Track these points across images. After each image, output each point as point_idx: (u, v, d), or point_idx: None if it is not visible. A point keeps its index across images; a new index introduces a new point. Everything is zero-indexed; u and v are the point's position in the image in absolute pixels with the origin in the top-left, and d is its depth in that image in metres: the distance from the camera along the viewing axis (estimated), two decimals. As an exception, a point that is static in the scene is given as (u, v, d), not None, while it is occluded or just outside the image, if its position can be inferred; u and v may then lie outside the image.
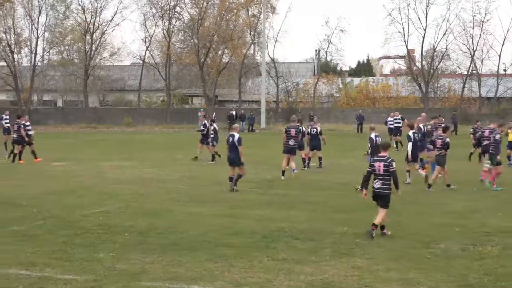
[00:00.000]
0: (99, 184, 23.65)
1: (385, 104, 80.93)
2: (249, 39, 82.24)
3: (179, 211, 17.74)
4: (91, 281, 10.76)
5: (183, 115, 78.63)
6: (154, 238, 14.20)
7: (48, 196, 20.57)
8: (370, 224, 14.73)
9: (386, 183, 14.76)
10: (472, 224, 15.88)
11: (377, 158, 15.24)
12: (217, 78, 79.60)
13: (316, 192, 21.66)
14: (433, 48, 78.15)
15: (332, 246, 13.42)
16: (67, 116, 79.51)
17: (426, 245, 13.48)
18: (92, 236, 14.39)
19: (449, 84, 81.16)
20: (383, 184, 14.77)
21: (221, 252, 12.84)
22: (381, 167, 14.73)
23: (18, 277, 10.99)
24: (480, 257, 12.47)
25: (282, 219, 16.51)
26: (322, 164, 29.42)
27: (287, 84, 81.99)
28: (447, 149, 22.73)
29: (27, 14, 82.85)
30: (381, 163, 14.79)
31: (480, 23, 75.84)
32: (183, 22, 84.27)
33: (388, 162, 14.71)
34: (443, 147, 22.69)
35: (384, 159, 14.84)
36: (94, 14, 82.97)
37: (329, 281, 10.82)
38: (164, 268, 11.64)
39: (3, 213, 17.18)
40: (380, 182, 14.79)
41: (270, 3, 78.84)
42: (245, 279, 10.91)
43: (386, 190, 14.79)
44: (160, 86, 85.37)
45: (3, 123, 40.25)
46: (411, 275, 11.20)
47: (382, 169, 14.71)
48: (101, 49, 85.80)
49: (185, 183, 24.17)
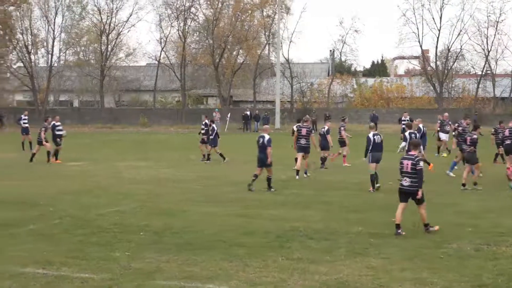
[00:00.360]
0: (115, 184, 23.74)
1: (399, 105, 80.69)
2: (264, 40, 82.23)
3: (194, 211, 17.78)
4: (107, 280, 10.81)
5: (198, 116, 78.34)
6: (169, 237, 14.24)
7: (65, 195, 20.66)
8: (385, 224, 14.67)
9: (414, 181, 14.95)
10: (486, 224, 15.82)
11: (406, 156, 15.56)
12: (232, 79, 79.66)
13: (331, 192, 21.64)
14: (448, 49, 77.86)
15: (347, 245, 13.41)
16: (83, 116, 79.77)
17: (439, 245, 13.45)
18: (108, 235, 14.45)
19: (463, 84, 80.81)
20: (412, 182, 14.98)
21: (236, 251, 12.86)
22: (408, 165, 14.99)
23: (35, 276, 11.06)
24: (494, 257, 12.43)
25: (296, 219, 16.51)
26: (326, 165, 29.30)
27: (302, 84, 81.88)
28: (475, 146, 22.87)
29: (43, 15, 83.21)
30: (409, 161, 15.06)
31: (495, 23, 75.52)
32: (198, 23, 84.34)
33: (416, 160, 14.98)
34: (472, 144, 22.88)
35: (412, 158, 15.13)
36: (110, 15, 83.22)
37: (344, 281, 10.82)
38: (179, 267, 11.68)
39: (20, 213, 17.28)
40: (409, 180, 15.01)
41: (284, 3, 78.82)
42: (260, 279, 10.93)
43: (416, 187, 14.97)
44: (175, 86, 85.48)
45: (22, 123, 40.42)
46: (425, 274, 11.19)
47: (410, 167, 14.94)
48: (117, 50, 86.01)
49: (200, 183, 24.20)
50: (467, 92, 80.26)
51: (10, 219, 16.33)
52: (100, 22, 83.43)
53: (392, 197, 20.31)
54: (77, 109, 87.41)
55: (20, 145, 39.70)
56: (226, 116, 70.46)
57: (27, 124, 40.45)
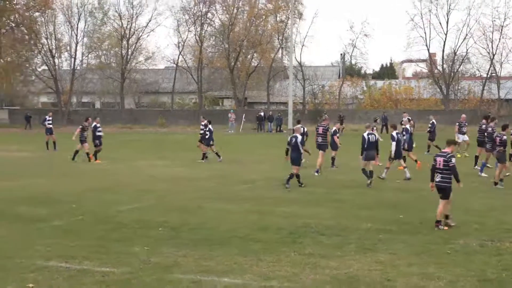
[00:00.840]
0: (134, 182, 23.79)
1: (407, 106, 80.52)
2: (277, 44, 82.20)
3: (209, 208, 17.80)
4: (127, 274, 10.84)
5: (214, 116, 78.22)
6: (186, 233, 14.26)
7: (87, 193, 20.74)
8: (393, 221, 14.64)
9: (445, 176, 15.16)
10: (491, 221, 15.76)
11: (439, 153, 15.74)
12: (247, 81, 79.75)
13: (342, 190, 21.60)
14: (454, 52, 77.60)
15: (357, 241, 13.39)
16: (104, 117, 79.70)
17: (446, 241, 13.40)
18: (128, 231, 14.50)
19: (469, 86, 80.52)
20: (442, 178, 15.20)
21: (250, 247, 12.87)
22: (441, 162, 15.20)
23: (58, 269, 11.11)
24: (498, 253, 12.38)
25: (308, 215, 16.49)
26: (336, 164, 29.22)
27: (313, 86, 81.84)
28: (505, 146, 23.07)
29: (67, 20, 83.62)
30: (442, 158, 15.26)
31: (500, 27, 75.22)
32: (214, 28, 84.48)
33: (448, 157, 15.17)
34: (501, 144, 23.14)
35: (444, 155, 15.31)
36: (130, 20, 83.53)
37: (353, 275, 10.81)
38: (196, 261, 11.69)
39: (44, 209, 17.37)
40: (440, 176, 15.24)
41: (297, 9, 78.70)
42: (273, 273, 10.93)
43: (446, 183, 15.19)
44: (193, 88, 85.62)
45: (46, 123, 40.56)
46: (431, 269, 11.15)
47: (442, 164, 15.16)
48: (137, 54, 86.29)
49: (215, 181, 24.22)
50: (472, 94, 79.98)
51: (36, 215, 16.44)
52: (120, 27, 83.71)
53: (400, 195, 20.33)
54: (98, 110, 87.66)
55: (44, 144, 39.88)
56: (241, 117, 70.49)
57: (51, 124, 40.59)
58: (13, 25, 76.02)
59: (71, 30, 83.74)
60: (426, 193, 20.55)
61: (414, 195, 20.28)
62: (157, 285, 10.18)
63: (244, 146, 40.46)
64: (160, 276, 10.69)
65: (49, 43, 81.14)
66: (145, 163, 31.52)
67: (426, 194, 20.31)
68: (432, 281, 10.48)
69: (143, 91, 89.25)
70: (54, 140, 39.56)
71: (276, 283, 10.32)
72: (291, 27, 67.66)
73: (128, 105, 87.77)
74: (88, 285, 10.21)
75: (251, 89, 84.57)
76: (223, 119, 68.71)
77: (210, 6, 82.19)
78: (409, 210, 17.28)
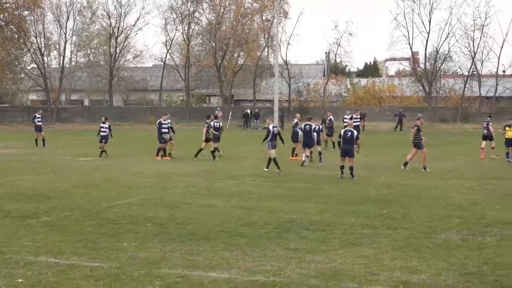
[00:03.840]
0: (122, 178, 23.71)
1: (391, 103, 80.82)
2: (263, 42, 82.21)
3: (196, 204, 17.76)
4: (115, 268, 10.79)
5: (201, 114, 78.59)
6: (173, 228, 14.22)
7: (76, 189, 20.64)
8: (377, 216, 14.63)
9: None
10: (472, 216, 15.81)
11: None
12: (233, 79, 79.72)
13: (327, 186, 21.61)
14: (436, 51, 77.88)
15: (341, 236, 13.39)
16: (93, 114, 79.74)
17: (428, 236, 13.43)
18: (116, 226, 14.44)
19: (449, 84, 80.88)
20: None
21: (237, 242, 12.85)
22: None
23: (47, 264, 11.05)
24: (479, 247, 12.41)
25: (294, 211, 16.49)
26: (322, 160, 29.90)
27: (299, 84, 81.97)
28: None
29: (56, 19, 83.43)
30: None
31: (481, 26, 75.59)
32: (201, 27, 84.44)
33: None
34: None
35: None
36: (119, 19, 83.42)
37: (338, 269, 10.81)
38: (183, 256, 11.66)
39: (34, 205, 17.28)
40: None
41: (282, 8, 78.74)
42: (259, 267, 10.92)
43: None
44: (180, 86, 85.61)
45: (36, 121, 40.35)
46: (414, 263, 11.17)
47: None
48: (125, 52, 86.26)
49: (202, 177, 24.18)
50: (454, 91, 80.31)
51: (25, 211, 16.33)
52: (109, 26, 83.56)
53: (383, 191, 20.37)
54: (87, 108, 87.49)
55: (33, 142, 39.72)
56: (228, 115, 70.47)
57: (41, 122, 40.41)
58: (2, 23, 75.58)
59: (60, 29, 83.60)
60: (408, 189, 20.67)
61: (398, 191, 20.33)
62: (144, 280, 10.14)
63: (230, 143, 40.36)
64: (148, 271, 10.65)
65: (38, 41, 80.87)
66: (134, 159, 31.43)
67: (409, 190, 20.43)
68: (415, 274, 10.50)
69: (131, 89, 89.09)
70: (43, 137, 39.38)
71: (262, 278, 10.30)
72: (276, 26, 67.67)
73: (116, 102, 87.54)
74: (77, 280, 10.15)
75: (237, 87, 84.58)
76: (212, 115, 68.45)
77: (198, 5, 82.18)
78: (393, 206, 17.32)
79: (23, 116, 77.38)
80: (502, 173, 25.79)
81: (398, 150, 34.54)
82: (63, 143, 32.29)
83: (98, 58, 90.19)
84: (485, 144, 32.20)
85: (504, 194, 19.83)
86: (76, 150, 36.98)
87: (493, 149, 32.19)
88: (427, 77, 77.45)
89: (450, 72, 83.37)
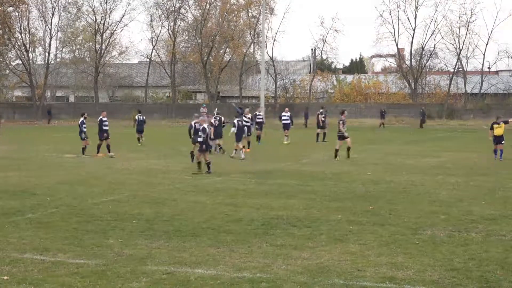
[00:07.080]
0: (108, 175, 23.65)
1: (377, 100, 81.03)
2: (249, 39, 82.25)
3: (183, 200, 17.74)
4: (101, 265, 10.76)
5: (187, 110, 78.62)
6: (160, 225, 14.20)
7: (61, 185, 20.57)
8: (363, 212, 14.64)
9: None
10: (457, 212, 15.88)
11: None
12: (219, 75, 79.72)
13: (313, 182, 21.64)
14: (422, 47, 78.28)
15: (328, 232, 13.41)
16: (78, 111, 79.40)
17: (414, 232, 13.48)
18: (102, 223, 14.39)
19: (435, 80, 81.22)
20: None
21: (223, 238, 12.84)
22: None
23: (33, 261, 11.00)
24: (465, 243, 12.47)
25: (280, 207, 16.50)
26: None
27: (285, 81, 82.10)
28: None
29: (41, 15, 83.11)
30: None
31: (466, 23, 76.10)
32: (187, 23, 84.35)
33: None
34: None
35: None
36: (104, 15, 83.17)
37: (324, 265, 10.82)
38: (169, 253, 11.64)
39: (19, 202, 17.20)
40: None
41: (268, 5, 78.77)
42: (245, 264, 10.92)
43: None
44: (166, 82, 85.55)
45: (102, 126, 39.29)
46: (400, 259, 11.21)
47: None
48: (111, 48, 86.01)
49: (189, 173, 24.14)
50: (440, 88, 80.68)
51: (10, 208, 16.24)
52: (94, 22, 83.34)
53: (370, 187, 20.41)
54: (73, 104, 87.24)
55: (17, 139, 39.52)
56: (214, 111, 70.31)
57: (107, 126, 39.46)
58: (-14, 19, 75.19)
59: (45, 25, 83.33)
60: (394, 185, 20.73)
61: (384, 187, 20.39)
62: (131, 277, 10.11)
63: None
64: (134, 267, 10.63)
65: (23, 37, 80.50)
66: (120, 155, 31.33)
67: (395, 186, 20.49)
68: (401, 270, 10.53)
69: (117, 85, 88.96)
70: (108, 143, 38.70)
71: (248, 274, 10.30)
72: (262, 22, 67.74)
73: (102, 99, 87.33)
74: (63, 277, 10.11)
75: (223, 84, 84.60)
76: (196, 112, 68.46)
77: (183, 2, 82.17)
78: (379, 202, 17.36)
79: (8, 113, 76.98)
80: (488, 169, 25.93)
81: (384, 147, 34.64)
82: (48, 139, 32.09)
83: (83, 55, 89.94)
84: None
85: (490, 190, 19.92)
86: (61, 147, 36.82)
87: None
88: (412, 74, 77.84)
89: (435, 68, 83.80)
